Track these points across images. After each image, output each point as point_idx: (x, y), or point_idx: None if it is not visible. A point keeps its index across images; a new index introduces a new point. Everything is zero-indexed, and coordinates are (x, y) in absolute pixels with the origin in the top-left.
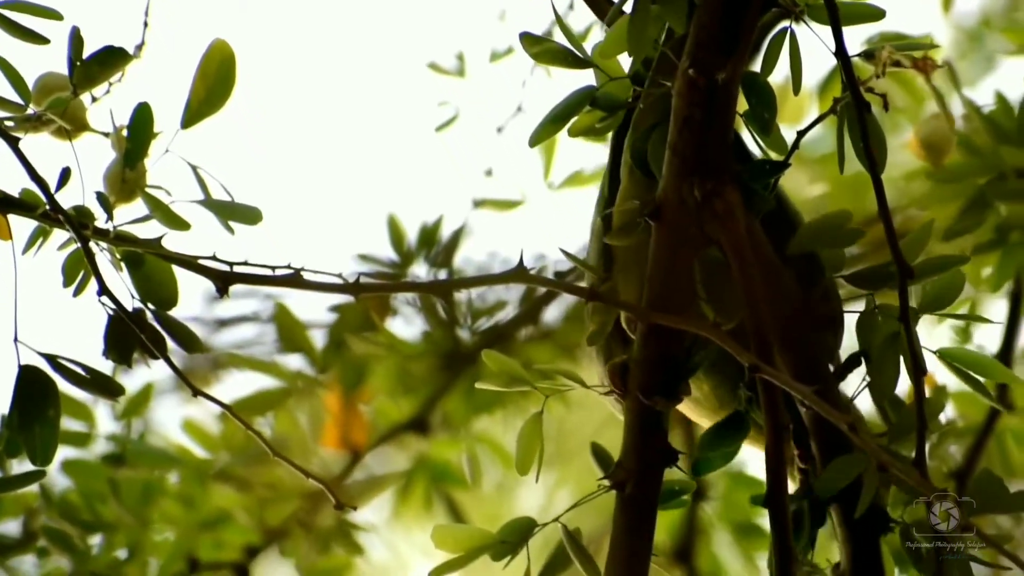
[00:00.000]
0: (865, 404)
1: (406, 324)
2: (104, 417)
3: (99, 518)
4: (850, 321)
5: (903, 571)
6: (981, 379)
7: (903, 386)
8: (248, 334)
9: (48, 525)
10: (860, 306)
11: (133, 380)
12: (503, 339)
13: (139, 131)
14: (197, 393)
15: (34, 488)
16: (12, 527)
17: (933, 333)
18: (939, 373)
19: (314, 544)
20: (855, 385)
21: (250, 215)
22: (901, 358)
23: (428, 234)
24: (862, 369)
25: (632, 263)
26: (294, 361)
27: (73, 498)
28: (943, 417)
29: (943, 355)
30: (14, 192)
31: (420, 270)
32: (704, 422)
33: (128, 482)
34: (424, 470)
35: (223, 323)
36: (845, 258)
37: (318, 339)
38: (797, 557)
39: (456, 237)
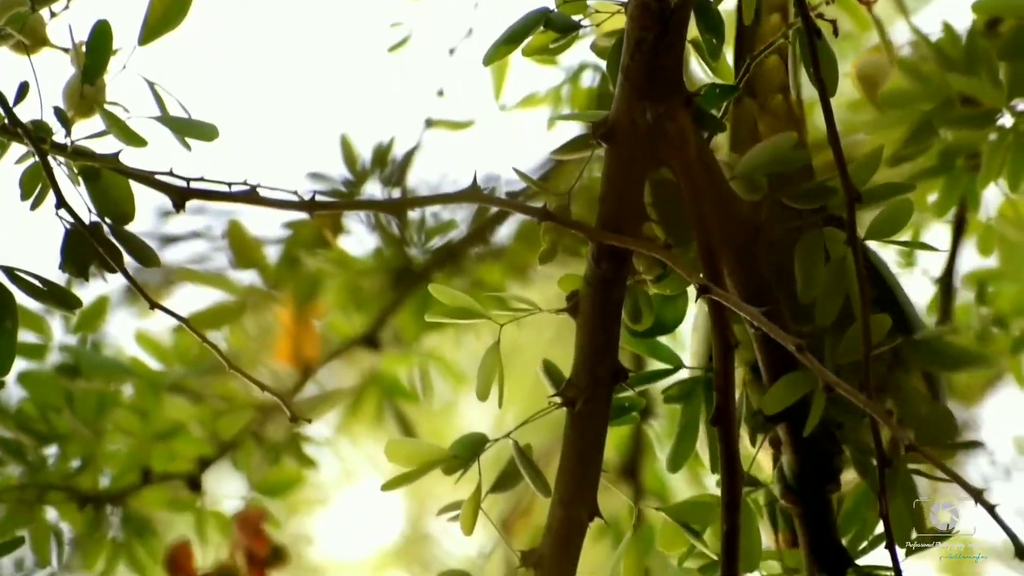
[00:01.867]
0: None
1: (358, 242)
2: (58, 330)
3: (53, 429)
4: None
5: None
6: None
7: None
8: (200, 250)
9: (2, 436)
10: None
11: (87, 294)
12: (454, 258)
13: (98, 47)
14: (154, 306)
15: None
16: None
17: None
18: None
19: (266, 457)
20: None
21: (206, 131)
22: None
23: (381, 154)
24: None
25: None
26: (247, 277)
27: (28, 409)
28: None
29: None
30: None
31: (373, 189)
32: None
33: (82, 394)
34: (375, 385)
35: (176, 239)
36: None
37: (271, 256)
38: (743, 477)
39: (409, 157)
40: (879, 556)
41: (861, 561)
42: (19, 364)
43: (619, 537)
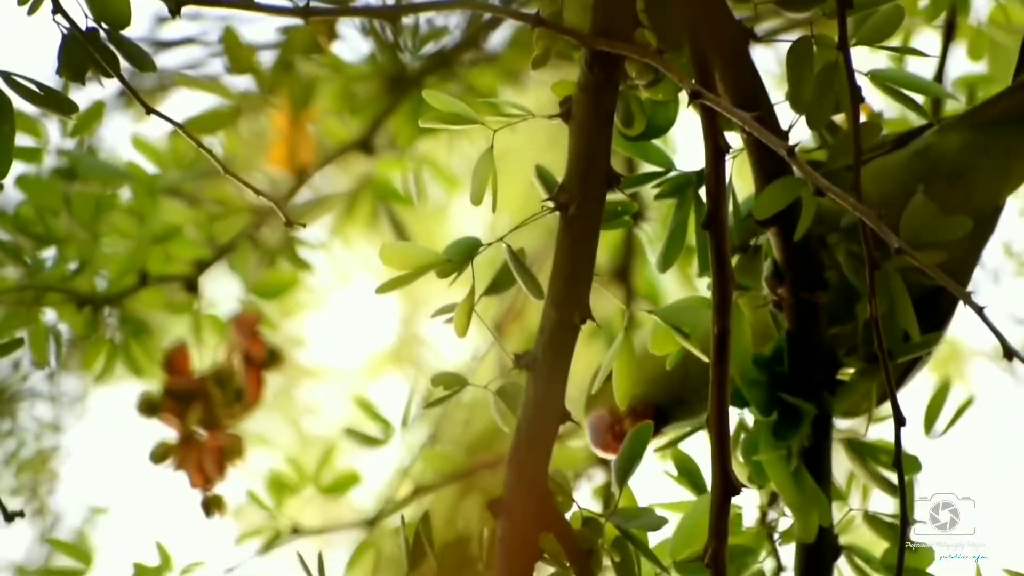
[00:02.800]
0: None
1: (352, 48)
2: (55, 135)
3: (51, 232)
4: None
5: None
6: (914, 96)
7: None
8: (195, 56)
9: (0, 238)
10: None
11: (83, 100)
12: (448, 64)
13: None
14: (150, 111)
15: None
16: None
17: (864, 66)
18: (875, 102)
19: (261, 260)
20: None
21: None
22: None
23: None
24: None
25: None
26: (242, 83)
27: (25, 212)
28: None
29: (875, 77)
30: None
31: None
32: None
33: (79, 197)
34: (369, 189)
35: (171, 44)
36: None
37: (266, 61)
38: (733, 279)
39: None
40: None
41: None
42: (17, 168)
43: (611, 339)
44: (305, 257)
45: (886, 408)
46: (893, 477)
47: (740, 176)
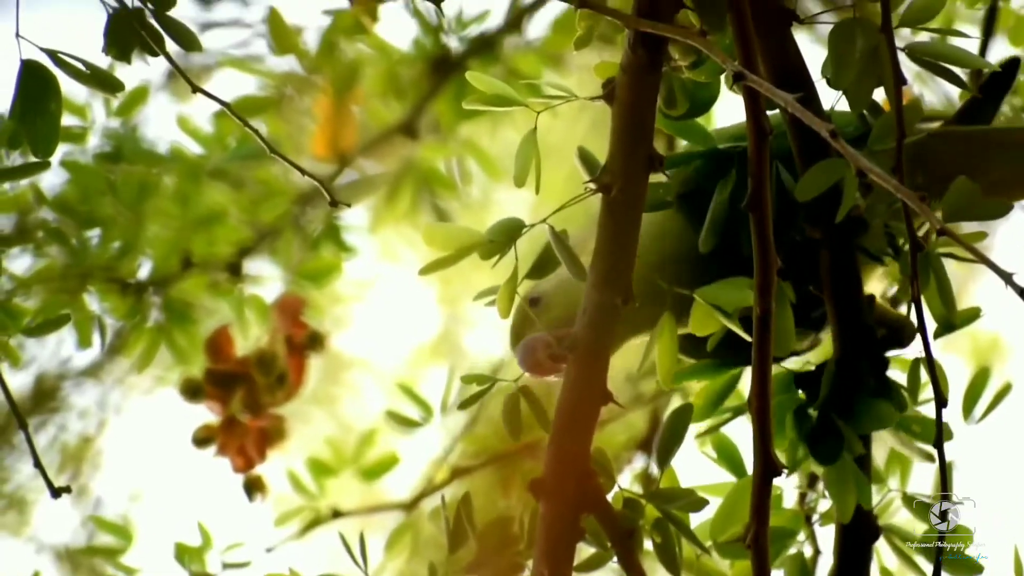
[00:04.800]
0: None
1: (396, 31)
2: (99, 117)
3: (95, 214)
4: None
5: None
6: (954, 68)
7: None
8: (239, 37)
9: (44, 221)
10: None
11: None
12: (491, 47)
13: None
14: (196, 89)
15: (28, 186)
16: (7, 224)
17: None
18: (913, 88)
19: (304, 244)
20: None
21: None
22: None
23: None
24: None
25: None
26: (286, 64)
27: (70, 194)
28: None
29: (912, 51)
30: None
31: None
32: None
33: (124, 179)
34: (412, 173)
35: (216, 26)
36: None
37: (310, 43)
38: (777, 262)
39: None
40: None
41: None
42: (61, 149)
43: None
44: (348, 241)
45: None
46: (929, 448)
47: None
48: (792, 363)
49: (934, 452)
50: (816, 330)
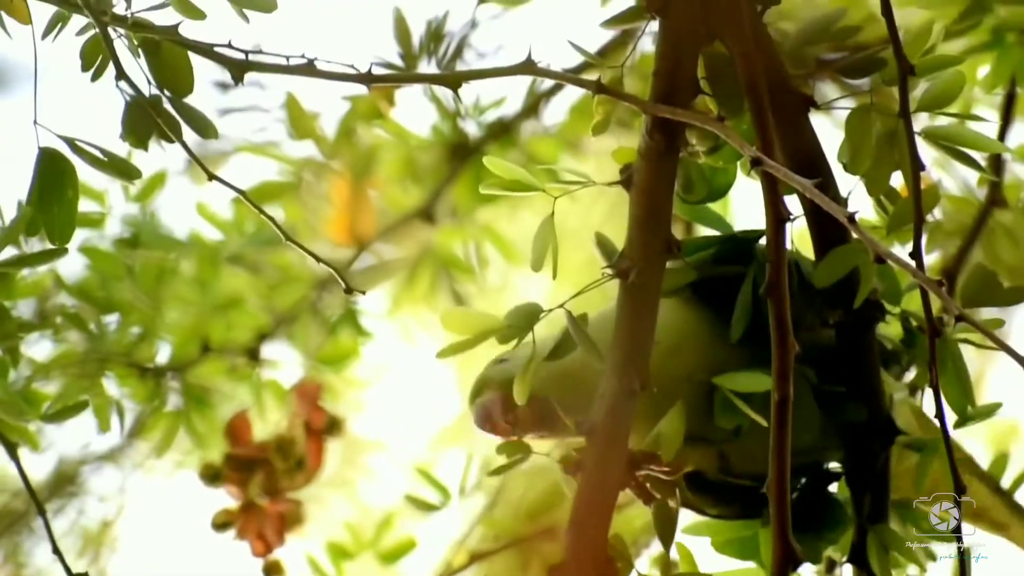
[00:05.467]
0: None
1: (413, 117)
2: (117, 203)
3: (113, 300)
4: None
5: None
6: (971, 153)
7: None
8: (255, 124)
9: (63, 306)
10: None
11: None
12: (508, 132)
13: None
14: (212, 177)
15: (47, 271)
16: (27, 309)
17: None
18: (931, 173)
19: (322, 329)
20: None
21: (264, 3)
22: None
23: (435, 29)
24: None
25: None
26: (303, 150)
27: (88, 280)
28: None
29: (929, 135)
30: None
31: (426, 67)
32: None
33: (142, 265)
34: (430, 258)
35: (231, 112)
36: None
37: (328, 128)
38: (795, 348)
39: (463, 32)
40: None
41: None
42: (80, 235)
43: None
44: (366, 326)
45: None
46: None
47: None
48: None
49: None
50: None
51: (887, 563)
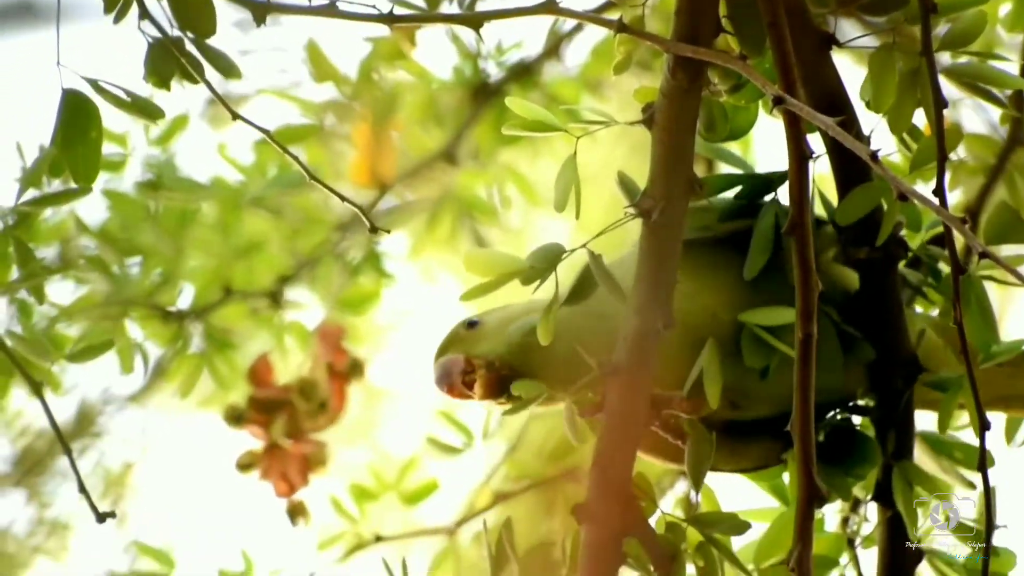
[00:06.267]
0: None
1: (435, 59)
2: (139, 147)
3: (135, 244)
4: None
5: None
6: (993, 90)
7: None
8: (277, 66)
9: (85, 252)
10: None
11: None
12: (530, 73)
13: None
14: (236, 116)
15: (69, 215)
16: (50, 253)
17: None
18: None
19: (344, 272)
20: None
21: None
22: None
23: None
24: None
25: None
26: (324, 93)
27: (110, 224)
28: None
29: (952, 72)
30: None
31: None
32: None
33: (164, 209)
34: (451, 200)
35: (252, 54)
36: None
37: (350, 71)
38: (818, 286)
39: None
40: None
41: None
42: (101, 179)
43: None
44: (388, 268)
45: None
46: (969, 474)
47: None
48: None
49: (975, 478)
50: None
51: (911, 499)
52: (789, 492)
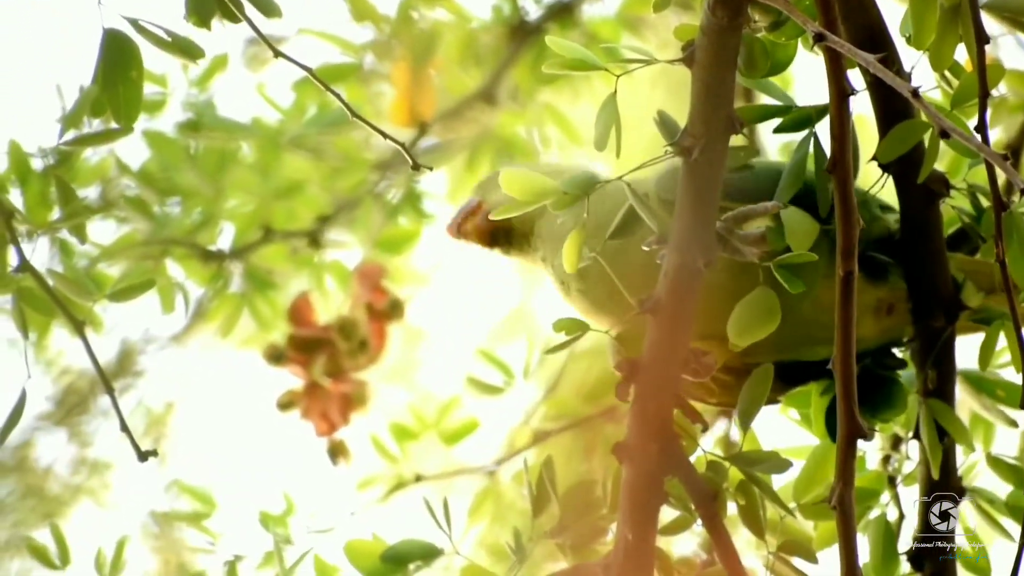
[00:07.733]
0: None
1: None
2: (179, 89)
3: (175, 185)
4: None
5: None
6: None
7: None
8: (316, 6)
9: (126, 192)
10: None
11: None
12: (569, 12)
13: None
14: (278, 54)
15: (110, 155)
16: (91, 193)
17: None
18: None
19: (382, 212)
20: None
21: None
22: None
23: None
24: None
25: None
26: (363, 33)
27: (150, 166)
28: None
29: (991, 7)
30: None
31: None
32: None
33: (204, 151)
34: (491, 140)
35: None
36: None
37: (388, 11)
38: (860, 223)
39: None
40: None
41: None
42: (141, 120)
43: None
44: (427, 208)
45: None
46: (1012, 412)
47: None
48: None
49: (1017, 417)
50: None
51: (935, 438)
52: (816, 428)
